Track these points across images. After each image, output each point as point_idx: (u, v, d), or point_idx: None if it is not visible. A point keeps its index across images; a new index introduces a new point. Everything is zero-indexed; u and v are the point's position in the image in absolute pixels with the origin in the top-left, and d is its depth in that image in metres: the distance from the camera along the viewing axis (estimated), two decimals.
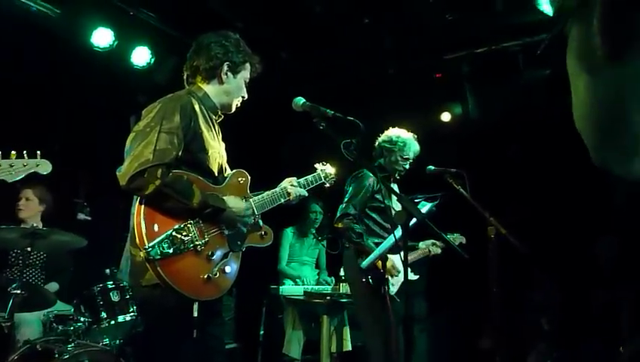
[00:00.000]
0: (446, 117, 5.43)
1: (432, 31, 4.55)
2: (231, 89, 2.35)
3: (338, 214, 3.48)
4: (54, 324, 3.27)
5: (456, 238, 3.85)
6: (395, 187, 3.59)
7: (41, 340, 3.13)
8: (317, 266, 5.30)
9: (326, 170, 2.67)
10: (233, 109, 2.42)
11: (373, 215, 3.53)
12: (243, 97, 2.42)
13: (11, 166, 2.44)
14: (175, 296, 1.99)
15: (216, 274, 2.10)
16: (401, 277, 3.36)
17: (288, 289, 4.59)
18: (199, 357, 2.12)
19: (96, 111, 4.66)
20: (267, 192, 2.40)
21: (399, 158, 3.56)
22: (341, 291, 4.09)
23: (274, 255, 5.03)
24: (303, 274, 5.04)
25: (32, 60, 4.12)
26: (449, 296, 4.58)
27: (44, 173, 2.63)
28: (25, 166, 2.48)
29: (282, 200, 2.43)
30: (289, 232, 5.15)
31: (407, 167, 3.60)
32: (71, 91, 4.52)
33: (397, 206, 3.35)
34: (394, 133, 3.66)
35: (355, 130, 2.20)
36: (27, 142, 2.65)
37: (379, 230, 3.52)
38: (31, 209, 3.79)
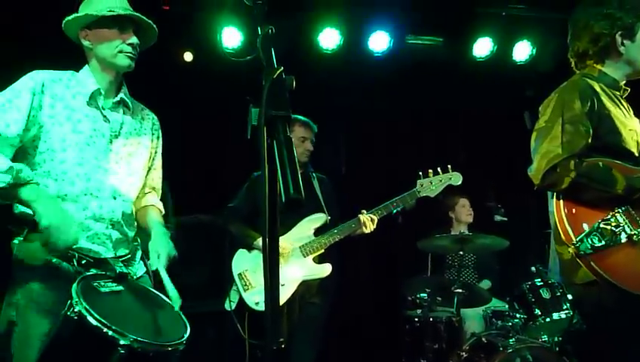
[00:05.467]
0: None
1: None
2: (634, 56, 2.06)
3: None
4: (493, 319, 3.53)
5: None
6: None
7: (485, 333, 3.45)
8: None
9: None
10: None
11: None
12: None
13: (431, 183, 2.91)
14: (615, 292, 1.84)
15: None
16: None
17: None
18: None
19: (489, 116, 4.89)
20: None
21: None
22: None
23: None
24: None
25: (422, 90, 4.66)
26: None
27: (457, 185, 2.98)
28: (441, 181, 2.92)
29: None
30: None
31: None
32: (463, 102, 4.91)
33: None
34: None
35: None
36: (437, 158, 3.06)
37: None
38: (471, 216, 4.25)
